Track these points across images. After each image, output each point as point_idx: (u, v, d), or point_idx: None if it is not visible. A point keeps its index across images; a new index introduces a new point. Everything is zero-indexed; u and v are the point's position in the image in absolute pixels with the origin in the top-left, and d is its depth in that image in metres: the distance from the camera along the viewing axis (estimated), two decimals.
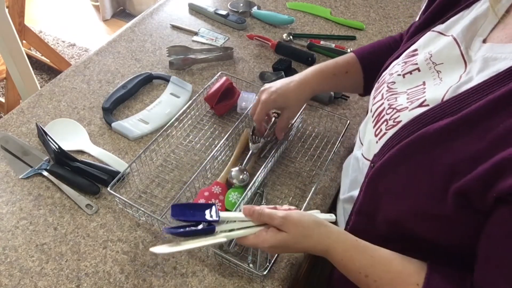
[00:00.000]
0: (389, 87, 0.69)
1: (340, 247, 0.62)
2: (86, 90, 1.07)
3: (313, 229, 0.64)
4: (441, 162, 0.53)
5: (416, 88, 0.64)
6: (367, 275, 0.60)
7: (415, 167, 0.56)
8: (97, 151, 0.93)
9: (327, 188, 0.90)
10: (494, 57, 0.56)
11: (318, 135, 0.99)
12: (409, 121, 0.59)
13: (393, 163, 0.59)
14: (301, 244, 0.63)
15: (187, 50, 1.17)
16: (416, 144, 0.56)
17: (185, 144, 0.96)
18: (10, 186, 0.87)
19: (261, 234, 0.65)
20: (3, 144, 0.93)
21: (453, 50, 0.63)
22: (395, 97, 0.66)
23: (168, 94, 1.06)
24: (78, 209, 0.84)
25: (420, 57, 0.68)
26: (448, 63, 0.63)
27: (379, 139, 0.64)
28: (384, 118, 0.65)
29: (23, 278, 0.74)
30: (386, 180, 0.61)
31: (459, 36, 0.63)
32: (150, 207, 0.84)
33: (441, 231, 0.57)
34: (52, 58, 2.34)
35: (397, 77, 0.69)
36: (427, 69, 0.65)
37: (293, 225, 0.63)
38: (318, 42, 1.23)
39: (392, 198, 0.61)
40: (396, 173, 0.59)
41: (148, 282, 0.74)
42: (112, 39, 1.23)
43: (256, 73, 1.14)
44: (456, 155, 0.52)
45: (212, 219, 0.65)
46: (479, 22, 0.61)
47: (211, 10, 1.31)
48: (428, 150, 0.55)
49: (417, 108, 0.60)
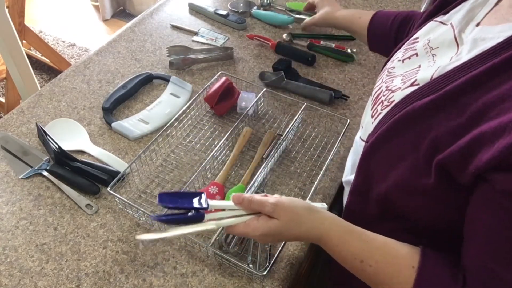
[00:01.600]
0: (388, 72, 0.72)
1: (334, 233, 0.62)
2: (86, 90, 1.07)
3: (305, 215, 0.62)
4: (425, 137, 0.55)
5: (411, 70, 0.67)
6: (362, 260, 0.60)
7: (402, 142, 0.59)
8: (97, 151, 0.93)
9: (327, 188, 0.90)
10: (483, 37, 0.58)
11: (318, 135, 0.99)
12: (400, 99, 0.62)
13: (382, 140, 0.61)
14: (293, 231, 0.62)
15: (187, 50, 1.17)
16: (402, 121, 0.59)
17: (185, 144, 0.96)
18: (10, 186, 0.87)
19: (251, 222, 0.63)
20: (3, 144, 0.93)
21: (448, 35, 0.65)
22: (392, 79, 0.69)
23: (168, 94, 1.06)
24: (78, 209, 0.84)
25: (419, 44, 0.70)
26: (442, 46, 0.65)
27: (374, 120, 0.67)
28: (380, 99, 0.68)
29: (23, 278, 0.74)
30: (376, 157, 0.63)
31: (455, 22, 0.65)
32: (150, 207, 0.84)
33: (428, 207, 0.58)
34: (52, 58, 2.34)
35: (397, 63, 0.72)
36: (424, 53, 0.68)
37: (284, 211, 0.62)
38: (318, 42, 1.23)
39: (381, 174, 0.63)
40: (385, 149, 0.61)
41: (148, 282, 0.74)
42: (112, 39, 1.23)
43: (256, 73, 1.14)
44: (439, 130, 0.54)
45: (200, 206, 0.62)
46: (476, 9, 0.64)
47: (211, 10, 1.31)
48: (414, 126, 0.57)
49: (409, 88, 0.62)
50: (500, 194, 0.48)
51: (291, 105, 1.05)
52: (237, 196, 0.64)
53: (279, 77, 1.08)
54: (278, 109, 1.05)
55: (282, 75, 1.08)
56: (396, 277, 0.58)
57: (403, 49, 0.74)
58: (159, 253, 0.78)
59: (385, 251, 0.60)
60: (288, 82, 1.07)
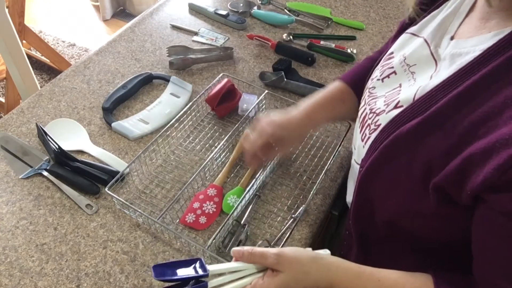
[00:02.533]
0: (370, 92, 0.71)
1: (344, 279, 0.59)
2: (86, 90, 1.07)
3: (310, 264, 0.59)
4: (417, 160, 0.54)
5: (393, 90, 0.65)
6: None
7: (396, 167, 0.58)
8: (97, 151, 0.93)
9: (327, 188, 0.90)
10: (459, 52, 0.57)
11: (319, 136, 0.99)
12: (387, 123, 0.60)
13: (376, 165, 0.60)
14: (302, 282, 0.58)
15: (187, 50, 1.17)
16: (393, 145, 0.58)
17: (185, 145, 0.96)
18: (10, 186, 0.87)
19: (257, 283, 0.58)
20: (3, 144, 0.93)
21: (423, 50, 0.64)
22: (374, 101, 0.68)
23: (168, 94, 1.06)
24: (78, 209, 0.84)
25: (395, 60, 0.69)
26: (420, 63, 0.64)
27: (365, 144, 0.66)
28: (367, 122, 0.67)
29: (23, 278, 0.74)
30: (374, 184, 0.62)
31: (429, 36, 0.64)
32: (150, 208, 0.84)
33: (434, 228, 0.58)
34: (52, 58, 2.33)
35: (377, 82, 0.71)
36: (402, 71, 0.66)
37: (288, 262, 0.58)
38: (318, 42, 1.23)
39: (381, 199, 0.62)
40: (380, 175, 0.60)
41: (148, 282, 0.74)
42: (112, 39, 1.23)
43: (256, 73, 1.14)
44: (430, 152, 0.53)
45: (199, 274, 0.58)
46: (448, 21, 0.63)
47: (211, 10, 1.31)
48: (404, 150, 0.56)
49: (393, 110, 0.61)
50: (498, 214, 0.47)
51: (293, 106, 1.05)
52: (237, 250, 0.61)
53: (279, 77, 1.08)
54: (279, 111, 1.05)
55: (282, 75, 1.08)
56: None
57: (380, 66, 0.72)
58: (159, 253, 0.78)
59: (400, 285, 0.58)
60: (288, 82, 1.07)
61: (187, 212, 0.83)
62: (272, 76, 1.10)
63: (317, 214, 0.85)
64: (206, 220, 0.82)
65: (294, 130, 0.81)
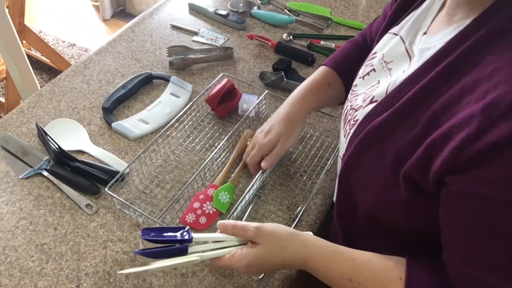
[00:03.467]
0: (352, 90, 0.74)
1: (319, 255, 0.62)
2: (86, 90, 1.07)
3: (288, 239, 0.63)
4: (388, 152, 0.57)
5: (372, 87, 0.68)
6: (351, 278, 0.59)
7: (370, 160, 0.60)
8: (97, 151, 0.93)
9: (327, 188, 0.90)
10: (427, 47, 0.59)
11: (319, 136, 0.99)
12: (363, 118, 0.63)
13: (353, 159, 0.63)
14: (278, 257, 0.62)
15: (187, 50, 1.17)
16: (366, 139, 0.60)
17: (185, 145, 0.96)
18: (10, 186, 0.87)
19: (235, 253, 0.63)
20: (3, 144, 0.93)
21: (399, 47, 0.66)
22: (355, 98, 0.70)
23: (168, 94, 1.06)
24: (78, 209, 0.84)
25: (376, 59, 0.71)
26: (396, 60, 0.66)
27: (346, 139, 0.68)
28: (348, 118, 0.69)
29: (23, 278, 0.74)
30: (352, 177, 0.64)
31: (404, 33, 0.66)
32: (150, 208, 0.84)
33: (409, 220, 0.59)
34: (52, 58, 2.34)
35: (358, 80, 0.73)
36: (380, 69, 0.69)
37: (267, 235, 0.62)
38: (318, 42, 1.23)
39: (361, 193, 0.64)
40: (358, 168, 0.62)
41: (148, 282, 0.74)
42: (112, 39, 1.23)
43: (256, 73, 1.14)
44: (399, 143, 0.55)
45: (183, 238, 0.62)
46: (421, 18, 0.64)
47: (211, 10, 1.31)
48: (376, 143, 0.59)
49: (369, 105, 0.63)
50: (457, 196, 0.48)
51: None
52: (222, 223, 0.65)
53: (279, 77, 1.08)
54: None
55: (282, 75, 1.08)
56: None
57: (364, 65, 0.75)
58: None
59: (372, 266, 0.60)
60: (288, 82, 1.07)
61: (187, 212, 0.83)
62: (272, 76, 1.10)
63: (317, 214, 0.85)
64: (206, 220, 0.82)
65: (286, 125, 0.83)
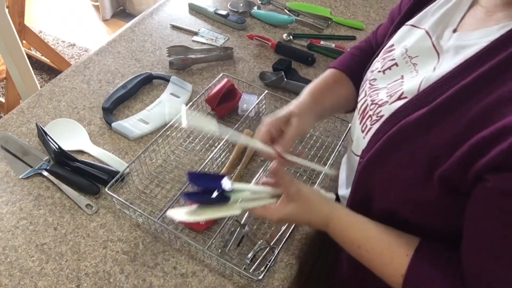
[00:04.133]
0: (371, 84, 0.72)
1: (338, 221, 0.66)
2: (86, 90, 1.07)
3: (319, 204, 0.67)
4: (422, 150, 0.55)
5: (395, 82, 0.66)
6: (360, 245, 0.63)
7: (399, 158, 0.59)
8: (97, 151, 0.93)
9: (327, 188, 0.90)
10: (463, 45, 0.58)
11: (319, 136, 0.99)
12: (391, 114, 0.61)
13: (379, 156, 0.62)
14: (305, 216, 0.67)
15: (187, 50, 1.17)
16: (397, 136, 0.59)
17: (185, 145, 0.96)
18: (10, 186, 0.87)
19: (269, 207, 0.67)
20: (3, 144, 0.93)
21: (425, 42, 0.65)
22: (376, 92, 0.69)
23: (168, 94, 1.06)
24: (78, 209, 0.84)
25: (397, 52, 0.70)
26: (422, 55, 0.65)
27: (365, 135, 0.66)
28: (368, 113, 0.68)
29: (23, 278, 0.74)
30: (376, 174, 0.63)
31: (431, 28, 0.65)
32: (150, 208, 0.84)
33: (433, 216, 0.59)
34: (52, 58, 2.33)
35: (378, 74, 0.71)
36: (404, 63, 0.67)
37: (304, 196, 0.66)
38: (318, 42, 1.23)
39: (383, 190, 0.63)
40: (384, 165, 0.61)
41: (148, 282, 0.74)
42: (112, 39, 1.23)
43: (256, 73, 1.14)
44: (435, 142, 0.54)
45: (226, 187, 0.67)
46: (450, 14, 0.64)
47: (211, 10, 1.31)
48: (409, 141, 0.57)
49: (397, 101, 0.62)
50: (497, 193, 0.48)
51: None
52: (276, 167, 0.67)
53: (279, 77, 1.08)
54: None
55: (282, 75, 1.08)
56: (389, 264, 0.60)
57: (380, 58, 0.73)
58: (159, 253, 0.78)
59: (382, 238, 0.62)
60: (288, 82, 1.07)
61: None
62: (272, 76, 1.10)
63: None
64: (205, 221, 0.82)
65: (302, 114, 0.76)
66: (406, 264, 0.58)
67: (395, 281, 0.59)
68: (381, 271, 0.62)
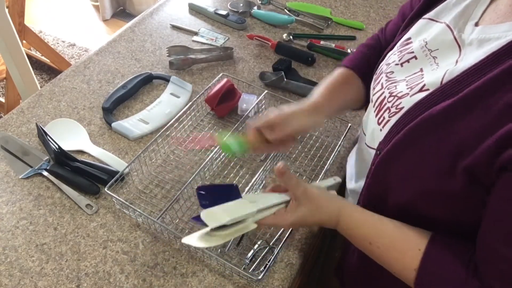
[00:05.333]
0: (388, 77, 0.71)
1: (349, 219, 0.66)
2: (86, 90, 1.07)
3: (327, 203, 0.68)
4: (446, 142, 0.55)
5: (414, 75, 0.66)
6: (371, 242, 0.63)
7: (421, 150, 0.58)
8: (97, 151, 0.93)
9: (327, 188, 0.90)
10: (487, 38, 0.57)
11: (319, 136, 0.99)
12: (412, 106, 0.61)
13: (399, 148, 0.61)
14: (315, 217, 0.67)
15: (187, 50, 1.17)
16: (420, 127, 0.58)
17: (185, 144, 0.96)
18: (10, 186, 0.87)
19: (280, 214, 0.67)
20: (3, 144, 0.93)
21: (446, 35, 0.64)
22: (394, 85, 0.68)
23: (168, 94, 1.06)
24: (78, 209, 0.84)
25: (415, 45, 0.69)
26: (443, 48, 0.64)
27: (382, 127, 0.66)
28: (386, 106, 0.67)
29: (23, 278, 0.74)
30: (394, 166, 0.62)
31: (452, 22, 0.65)
32: (149, 208, 0.84)
33: (452, 209, 0.58)
34: (52, 58, 2.33)
35: (395, 67, 0.70)
36: (423, 56, 0.67)
37: (312, 197, 0.67)
38: (318, 42, 1.23)
39: (401, 182, 0.62)
40: (403, 157, 0.60)
41: (148, 282, 0.74)
42: (112, 39, 1.23)
43: (256, 73, 1.14)
44: (461, 134, 0.54)
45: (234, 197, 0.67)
46: (471, 8, 0.63)
47: (211, 10, 1.31)
48: (433, 132, 0.57)
49: (418, 93, 0.61)
50: None
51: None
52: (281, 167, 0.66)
53: (279, 77, 1.08)
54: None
55: (282, 75, 1.08)
56: (402, 259, 0.60)
57: (397, 51, 0.72)
58: (159, 253, 0.78)
59: (393, 234, 0.62)
60: (288, 82, 1.07)
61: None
62: (272, 76, 1.10)
63: None
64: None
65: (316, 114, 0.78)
66: (418, 258, 0.58)
67: (407, 276, 0.59)
68: (393, 267, 0.62)
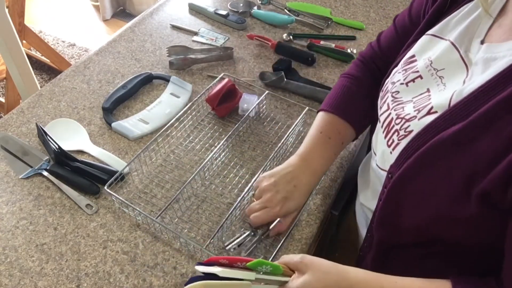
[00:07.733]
0: (394, 97, 0.69)
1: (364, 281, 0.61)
2: (86, 90, 1.07)
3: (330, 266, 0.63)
4: (459, 167, 0.53)
5: (421, 96, 0.64)
6: None
7: (434, 174, 0.56)
8: (97, 151, 0.93)
9: (327, 188, 0.90)
10: (493, 57, 0.56)
11: None
12: (421, 130, 0.59)
13: (411, 172, 0.59)
14: (321, 282, 0.62)
15: (187, 50, 1.17)
16: (432, 152, 0.56)
17: (185, 144, 0.96)
18: (10, 186, 0.87)
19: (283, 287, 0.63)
20: (3, 144, 0.93)
21: (452, 54, 0.62)
22: (401, 106, 0.66)
23: (168, 94, 1.06)
24: (78, 209, 0.84)
25: (420, 64, 0.67)
26: (449, 68, 0.62)
27: (392, 150, 0.64)
28: (394, 128, 0.65)
29: (23, 278, 0.74)
30: (407, 190, 0.61)
31: (457, 40, 0.63)
32: (149, 207, 0.84)
33: (468, 233, 0.57)
34: (52, 58, 2.34)
35: (400, 86, 0.69)
36: (429, 76, 0.65)
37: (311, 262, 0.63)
38: (318, 42, 1.23)
39: (414, 206, 0.61)
40: (416, 182, 0.59)
41: (148, 282, 0.74)
42: (112, 39, 1.23)
43: (256, 73, 1.14)
44: (473, 158, 0.52)
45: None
46: (475, 24, 0.61)
47: (211, 10, 1.31)
48: (445, 157, 0.55)
49: (426, 116, 0.60)
50: None
51: (293, 107, 1.05)
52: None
53: (279, 77, 1.08)
54: (280, 111, 1.05)
55: (282, 75, 1.08)
56: None
57: (401, 69, 0.70)
58: (159, 253, 0.78)
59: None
60: (288, 82, 1.07)
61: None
62: (272, 76, 1.10)
63: (317, 214, 0.85)
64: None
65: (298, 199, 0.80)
66: None
67: None
68: None
